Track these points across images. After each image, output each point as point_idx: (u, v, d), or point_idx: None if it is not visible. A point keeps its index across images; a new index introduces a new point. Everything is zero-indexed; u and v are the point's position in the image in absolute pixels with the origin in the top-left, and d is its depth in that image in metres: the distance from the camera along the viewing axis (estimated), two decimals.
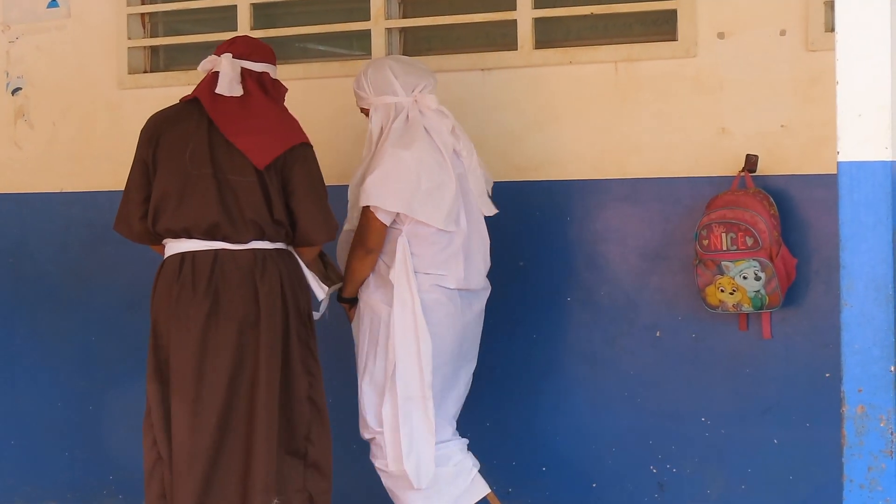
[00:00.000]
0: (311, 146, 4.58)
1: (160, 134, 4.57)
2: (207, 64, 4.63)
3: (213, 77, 4.57)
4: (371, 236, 4.54)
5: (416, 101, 4.62)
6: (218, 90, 4.53)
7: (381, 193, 4.49)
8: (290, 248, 4.59)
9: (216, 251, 4.46)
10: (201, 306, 4.44)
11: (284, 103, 4.68)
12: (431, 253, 4.56)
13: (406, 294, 4.53)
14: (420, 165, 4.50)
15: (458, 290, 4.60)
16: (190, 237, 4.49)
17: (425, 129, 4.58)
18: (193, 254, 4.48)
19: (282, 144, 4.47)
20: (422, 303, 4.53)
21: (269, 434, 4.44)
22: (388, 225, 4.54)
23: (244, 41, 4.71)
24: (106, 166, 5.81)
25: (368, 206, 4.50)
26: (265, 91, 4.59)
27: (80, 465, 5.91)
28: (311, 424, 4.55)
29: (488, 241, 4.68)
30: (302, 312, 4.56)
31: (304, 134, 4.56)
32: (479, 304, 4.73)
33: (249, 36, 4.89)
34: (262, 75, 4.61)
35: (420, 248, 4.55)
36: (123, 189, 4.68)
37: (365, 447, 4.73)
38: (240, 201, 4.44)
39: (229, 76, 4.54)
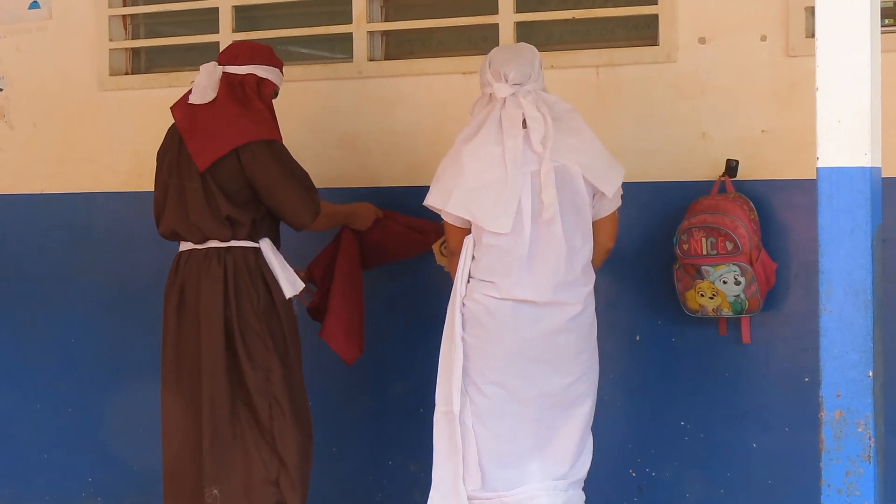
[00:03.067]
0: (272, 141, 4.63)
1: (159, 148, 4.85)
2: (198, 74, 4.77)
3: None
4: (448, 237, 4.42)
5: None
6: (190, 99, 4.71)
7: (431, 190, 4.35)
8: (260, 243, 4.67)
9: (190, 251, 4.71)
10: (172, 302, 4.72)
11: (272, 101, 4.77)
12: (489, 257, 4.25)
13: (455, 301, 4.33)
14: (473, 160, 4.24)
15: (514, 301, 4.24)
16: (175, 239, 4.78)
17: (501, 120, 4.27)
18: (179, 254, 4.76)
19: (227, 144, 4.59)
20: (469, 311, 4.29)
21: (214, 425, 4.57)
22: (457, 225, 4.34)
23: (232, 46, 4.86)
24: (86, 168, 5.80)
25: None
26: (234, 94, 4.67)
27: (59, 467, 5.90)
28: (273, 420, 4.61)
29: (565, 249, 4.23)
30: (258, 308, 4.63)
31: (259, 130, 4.62)
32: (551, 321, 4.25)
33: (244, 40, 4.90)
34: (246, 78, 4.70)
35: (479, 252, 4.29)
36: None
37: (345, 451, 4.74)
38: (187, 206, 4.65)
39: (202, 84, 4.69)
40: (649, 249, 4.88)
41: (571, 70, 4.99)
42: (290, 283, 4.68)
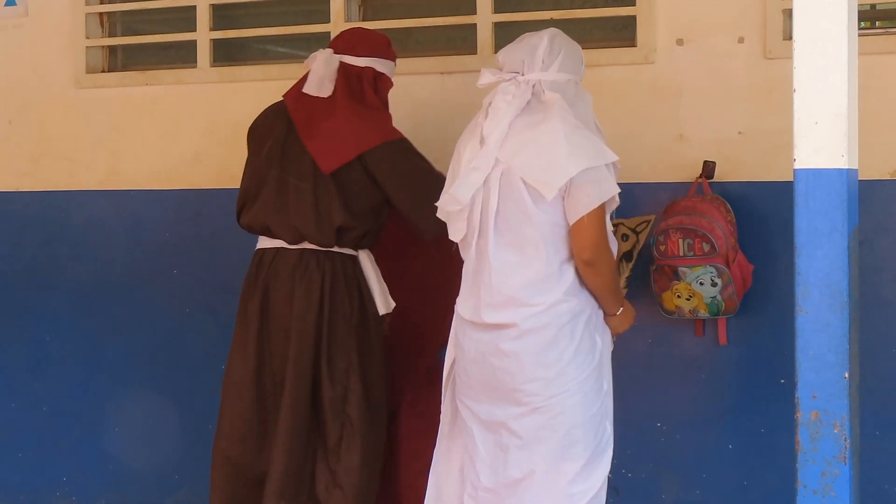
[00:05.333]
0: (398, 140, 4.42)
1: (252, 131, 4.61)
2: (310, 59, 4.54)
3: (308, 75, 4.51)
4: None
5: None
6: (305, 89, 4.46)
7: None
8: (361, 253, 4.46)
9: (277, 248, 4.46)
10: (255, 302, 4.45)
11: (387, 97, 4.57)
12: (463, 268, 4.01)
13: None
14: (453, 160, 4.03)
15: (463, 319, 3.96)
16: (262, 233, 4.52)
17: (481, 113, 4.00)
18: (263, 251, 4.52)
19: (352, 149, 4.36)
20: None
21: (291, 439, 4.33)
22: None
23: (350, 33, 4.60)
24: (62, 165, 5.78)
25: None
26: (352, 91, 4.45)
27: (33, 466, 5.87)
28: (342, 440, 4.39)
29: (491, 265, 3.85)
30: (350, 321, 4.40)
31: (385, 132, 4.41)
32: (488, 344, 3.86)
33: (362, 28, 4.69)
34: (364, 71, 4.49)
35: None
36: None
37: None
38: (289, 206, 4.42)
39: (319, 74, 4.45)
40: None
41: None
42: (385, 300, 4.47)
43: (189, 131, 5.57)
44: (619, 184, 3.97)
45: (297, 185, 4.40)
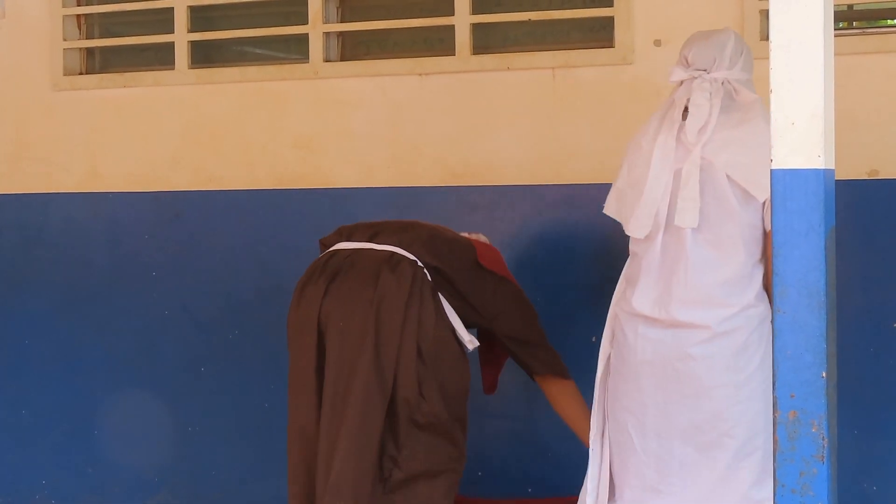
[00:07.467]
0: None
1: None
2: None
3: None
4: None
5: None
6: None
7: None
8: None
9: (358, 248, 4.26)
10: (318, 286, 4.16)
11: None
12: (630, 266, 3.93)
13: (609, 312, 4.00)
14: (631, 154, 3.93)
15: (639, 316, 3.84)
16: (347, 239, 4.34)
17: (667, 110, 3.93)
18: (336, 250, 4.29)
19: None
20: (614, 325, 3.97)
21: (352, 436, 4.03)
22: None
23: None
24: (40, 168, 5.76)
25: None
26: None
27: (13, 469, 5.85)
28: (404, 447, 4.10)
29: (690, 261, 3.76)
30: (435, 327, 4.13)
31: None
32: (674, 346, 3.76)
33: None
34: None
35: (629, 259, 3.97)
36: None
37: None
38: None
39: None
40: (605, 250, 4.89)
41: (527, 72, 5.00)
42: (468, 336, 4.21)
43: (167, 133, 5.56)
44: (598, 184, 4.14)
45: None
